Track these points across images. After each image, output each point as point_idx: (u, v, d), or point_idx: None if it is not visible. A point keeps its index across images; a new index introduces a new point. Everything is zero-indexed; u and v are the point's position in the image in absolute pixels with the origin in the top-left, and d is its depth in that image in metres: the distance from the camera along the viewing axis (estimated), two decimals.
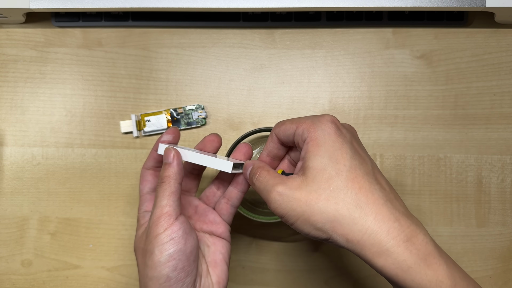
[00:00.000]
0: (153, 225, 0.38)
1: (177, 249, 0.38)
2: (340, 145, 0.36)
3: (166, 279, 0.37)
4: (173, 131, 0.44)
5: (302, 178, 0.36)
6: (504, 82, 0.54)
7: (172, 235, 0.38)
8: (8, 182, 0.55)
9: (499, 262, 0.53)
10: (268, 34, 0.55)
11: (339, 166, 0.35)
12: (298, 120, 0.38)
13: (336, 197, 0.34)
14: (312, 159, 0.36)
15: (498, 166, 0.53)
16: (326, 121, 0.37)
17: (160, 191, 0.39)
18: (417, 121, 0.54)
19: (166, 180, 0.39)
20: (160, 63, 0.55)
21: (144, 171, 0.44)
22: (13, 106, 0.56)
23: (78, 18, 0.55)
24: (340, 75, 0.55)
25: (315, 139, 0.36)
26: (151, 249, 0.38)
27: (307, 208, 0.35)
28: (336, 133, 0.36)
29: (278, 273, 0.54)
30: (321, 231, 0.35)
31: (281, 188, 0.36)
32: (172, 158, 0.40)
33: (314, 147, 0.36)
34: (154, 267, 0.37)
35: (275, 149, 0.41)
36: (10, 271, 0.54)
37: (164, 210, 0.38)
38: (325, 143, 0.36)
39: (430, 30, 0.54)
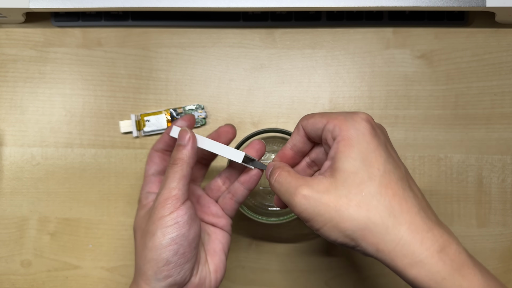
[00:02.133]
0: (159, 206, 0.38)
1: (180, 233, 0.37)
2: (374, 147, 0.34)
3: (165, 263, 0.37)
4: (189, 118, 0.43)
5: (331, 180, 0.34)
6: (505, 82, 0.53)
7: (177, 219, 0.37)
8: (7, 182, 0.55)
9: (499, 262, 0.53)
10: (268, 34, 0.55)
11: (372, 170, 0.33)
12: (329, 115, 0.36)
13: (368, 203, 0.32)
14: (343, 161, 0.33)
15: (498, 166, 0.53)
16: (361, 120, 0.34)
17: (171, 172, 0.38)
18: (418, 121, 0.54)
19: (179, 162, 0.39)
20: (160, 63, 0.55)
21: (153, 152, 0.43)
22: (13, 106, 0.56)
23: (77, 17, 0.55)
24: (341, 75, 0.55)
25: (347, 138, 0.34)
26: (153, 230, 0.37)
27: (336, 214, 0.33)
28: (370, 134, 0.34)
29: (278, 274, 0.54)
30: (349, 238, 0.33)
31: (306, 191, 0.34)
32: (187, 140, 0.39)
33: (346, 148, 0.33)
34: (154, 249, 0.37)
35: (301, 143, 0.38)
36: (9, 271, 0.54)
37: (173, 192, 0.38)
38: (359, 144, 0.33)
39: (430, 30, 0.54)
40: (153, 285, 0.37)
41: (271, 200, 0.53)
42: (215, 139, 0.43)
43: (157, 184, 0.43)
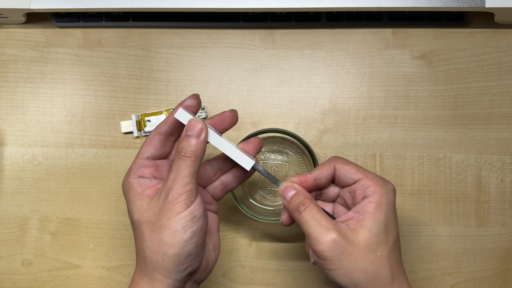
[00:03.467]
0: (174, 202, 0.38)
1: (199, 226, 0.38)
2: (394, 216, 0.40)
3: (187, 256, 0.38)
4: (196, 96, 0.43)
5: (355, 234, 0.38)
6: (504, 82, 0.54)
7: (194, 213, 0.38)
8: (8, 182, 0.55)
9: (498, 262, 0.53)
10: (268, 34, 0.55)
11: (389, 236, 0.39)
12: (365, 172, 0.40)
13: (380, 262, 0.38)
14: (371, 221, 0.38)
15: (497, 166, 0.53)
16: (392, 191, 0.40)
17: (183, 166, 0.38)
18: (417, 121, 0.54)
19: (192, 156, 0.38)
20: (160, 63, 0.55)
21: (155, 134, 0.42)
22: (14, 106, 0.56)
23: (78, 18, 0.55)
24: (340, 75, 0.55)
25: (380, 203, 0.39)
26: (172, 225, 0.38)
27: (354, 264, 0.37)
28: (394, 205, 0.40)
29: (278, 273, 0.54)
30: (355, 286, 0.38)
31: (336, 236, 0.38)
32: (199, 131, 0.39)
33: (377, 211, 0.39)
34: (176, 244, 0.38)
35: (325, 178, 0.42)
36: (10, 270, 0.55)
37: (187, 188, 0.38)
38: (386, 212, 0.39)
39: (429, 30, 0.54)
40: (174, 277, 0.39)
41: (271, 200, 0.53)
42: (219, 123, 0.43)
43: (150, 169, 0.41)
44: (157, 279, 0.39)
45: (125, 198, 0.41)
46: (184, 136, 0.39)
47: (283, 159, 0.53)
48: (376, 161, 0.54)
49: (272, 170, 0.53)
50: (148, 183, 0.41)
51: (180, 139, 0.39)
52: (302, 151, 0.52)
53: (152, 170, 0.41)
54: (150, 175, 0.41)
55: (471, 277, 0.53)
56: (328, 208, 0.43)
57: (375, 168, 0.54)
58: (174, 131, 0.42)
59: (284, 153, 0.53)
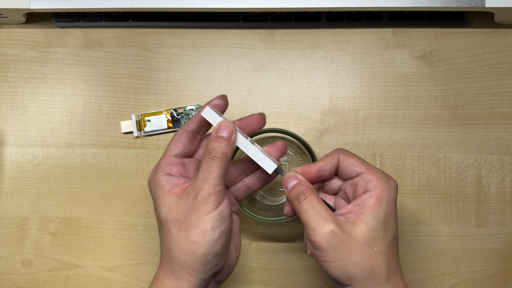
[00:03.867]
0: (203, 202, 0.38)
1: (227, 226, 0.39)
2: (394, 213, 0.39)
3: (214, 255, 0.38)
4: (224, 97, 0.43)
5: (353, 227, 0.38)
6: (504, 82, 0.54)
7: (222, 213, 0.38)
8: (8, 182, 0.55)
9: (498, 262, 0.53)
10: (268, 34, 0.55)
11: (387, 232, 0.39)
12: (368, 165, 0.40)
13: (376, 257, 0.38)
14: (370, 216, 0.38)
15: (497, 166, 0.53)
16: (394, 187, 0.40)
17: (213, 166, 0.38)
18: (417, 121, 0.54)
19: (222, 157, 0.38)
20: (161, 63, 0.55)
21: (183, 131, 0.42)
22: (14, 106, 0.56)
23: (78, 18, 0.55)
24: (340, 75, 0.55)
25: (381, 198, 0.39)
26: (201, 225, 0.38)
27: (350, 257, 0.37)
28: (395, 201, 0.40)
29: (278, 273, 0.54)
30: (349, 279, 0.38)
31: (334, 227, 0.37)
32: (230, 134, 0.39)
33: (377, 206, 0.38)
34: (205, 244, 0.38)
35: (329, 170, 0.41)
36: (10, 270, 0.55)
37: (217, 188, 0.38)
38: (386, 207, 0.39)
39: (429, 30, 0.54)
40: (200, 276, 0.39)
41: (271, 199, 0.53)
42: (247, 126, 0.43)
43: (178, 168, 0.41)
44: (183, 278, 0.39)
45: (152, 195, 0.41)
46: (215, 137, 0.39)
47: (283, 159, 0.53)
48: (376, 161, 0.54)
49: None
50: (176, 181, 0.40)
51: (210, 139, 0.39)
52: (302, 151, 0.52)
53: (180, 168, 0.41)
54: (178, 173, 0.41)
55: (471, 277, 0.53)
56: (330, 200, 0.43)
57: None
58: (200, 129, 0.42)
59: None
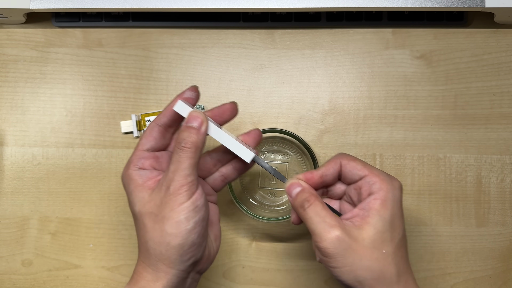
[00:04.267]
0: (176, 193, 0.38)
1: (201, 216, 0.39)
2: (400, 213, 0.39)
3: (190, 245, 0.38)
4: (195, 88, 0.43)
5: (360, 231, 0.38)
6: (504, 82, 0.54)
7: (196, 203, 0.38)
8: (8, 182, 0.55)
9: (498, 262, 0.53)
10: (268, 34, 0.55)
11: (394, 233, 0.38)
12: (371, 168, 0.40)
13: (385, 260, 0.38)
14: (376, 218, 0.38)
15: (497, 166, 0.53)
16: (398, 187, 0.40)
17: (184, 157, 0.38)
18: (417, 121, 0.54)
19: (192, 147, 0.38)
20: (161, 63, 0.55)
21: (154, 125, 0.42)
22: (14, 106, 0.56)
23: (78, 18, 0.55)
24: (340, 75, 0.55)
25: (385, 200, 0.38)
26: (174, 216, 0.38)
27: (358, 261, 0.37)
28: (400, 202, 0.40)
29: (278, 273, 0.54)
30: (359, 283, 0.38)
31: (340, 232, 0.37)
32: (200, 123, 0.39)
33: (382, 208, 0.38)
34: (180, 234, 0.38)
35: (331, 175, 0.41)
36: (10, 270, 0.55)
37: (188, 179, 0.38)
38: (392, 209, 0.38)
39: (429, 30, 0.54)
40: (178, 267, 0.39)
41: (271, 199, 0.53)
42: (219, 115, 0.43)
43: (150, 161, 0.41)
44: (160, 270, 0.39)
45: (126, 191, 0.41)
46: (185, 127, 0.39)
47: (283, 159, 0.53)
48: (376, 161, 0.54)
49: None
50: (149, 175, 0.40)
51: (180, 130, 0.39)
52: (302, 151, 0.52)
53: (152, 162, 0.41)
54: (150, 167, 0.41)
55: (471, 277, 0.53)
56: (335, 205, 0.43)
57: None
58: (173, 123, 0.42)
59: (284, 153, 0.53)
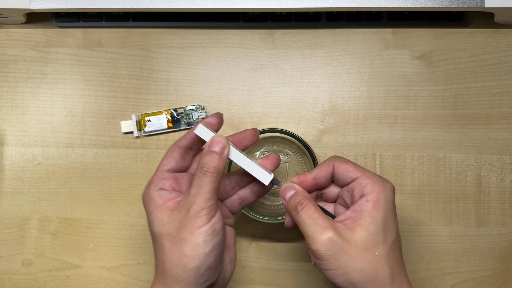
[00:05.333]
0: (195, 217, 0.38)
1: (219, 240, 0.39)
2: (393, 215, 0.39)
3: (207, 268, 0.38)
4: (219, 116, 0.43)
5: (352, 233, 0.38)
6: (504, 82, 0.54)
7: (215, 227, 0.38)
8: (8, 182, 0.55)
9: (498, 261, 0.53)
10: (268, 34, 0.55)
11: (387, 235, 0.38)
12: (363, 170, 0.40)
13: (378, 262, 0.38)
14: (368, 220, 0.38)
15: (497, 166, 0.53)
16: (391, 189, 0.40)
17: (205, 181, 0.39)
18: (417, 121, 0.54)
19: (214, 171, 0.39)
20: (161, 63, 0.55)
21: (175, 147, 0.42)
22: (14, 106, 0.56)
23: (78, 18, 0.55)
24: (340, 75, 0.55)
25: (378, 201, 0.39)
26: (193, 239, 0.38)
27: (351, 264, 0.37)
28: (393, 204, 0.40)
29: (278, 273, 0.54)
30: (353, 286, 0.38)
31: (332, 234, 0.38)
32: (222, 148, 0.39)
33: (374, 210, 0.38)
34: (198, 257, 0.38)
35: (324, 178, 0.42)
36: (10, 270, 0.55)
37: (209, 203, 0.38)
38: (384, 210, 0.38)
39: (429, 30, 0.54)
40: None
41: (271, 200, 0.53)
42: (240, 141, 0.43)
43: (171, 182, 0.41)
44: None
45: (146, 210, 0.42)
46: (207, 151, 0.39)
47: (283, 159, 0.53)
48: (376, 161, 0.54)
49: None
50: (169, 195, 0.41)
51: (203, 154, 0.40)
52: (302, 151, 0.52)
53: (172, 183, 0.42)
54: (170, 188, 0.41)
55: (471, 277, 0.53)
56: (330, 208, 0.43)
57: (375, 168, 0.54)
58: (193, 145, 0.43)
59: (284, 153, 0.53)
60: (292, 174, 0.53)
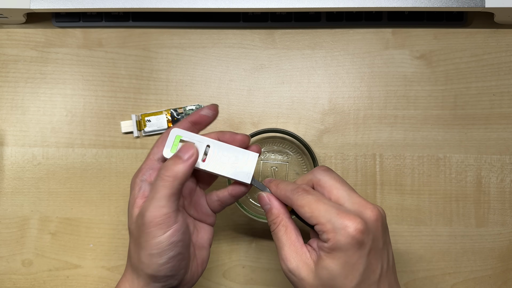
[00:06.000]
0: (150, 225, 0.36)
1: (177, 251, 0.37)
2: (355, 261, 0.34)
3: (162, 276, 0.38)
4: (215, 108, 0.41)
5: (311, 269, 0.36)
6: (504, 82, 0.54)
7: (171, 239, 0.36)
8: (8, 182, 0.55)
9: (498, 261, 0.53)
10: (268, 34, 0.55)
11: (346, 281, 0.34)
12: (318, 215, 0.35)
13: None
14: (324, 265, 0.35)
15: (497, 166, 0.53)
16: (354, 230, 0.34)
17: (160, 186, 0.36)
18: (417, 121, 0.54)
19: (171, 176, 0.36)
20: (161, 63, 0.55)
21: (166, 134, 0.40)
22: (14, 106, 0.56)
23: (78, 18, 0.55)
24: (340, 75, 0.55)
25: (333, 249, 0.34)
26: (148, 249, 0.36)
27: None
28: (357, 247, 0.34)
29: (278, 273, 0.54)
30: None
31: (292, 267, 0.36)
32: (189, 156, 0.37)
33: (328, 257, 0.35)
34: (152, 267, 0.37)
35: None
36: (10, 270, 0.55)
37: (163, 211, 0.36)
38: (340, 259, 0.34)
39: (429, 30, 0.54)
40: (154, 285, 0.38)
41: None
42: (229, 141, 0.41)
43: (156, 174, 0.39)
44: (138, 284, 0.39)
45: None
46: (173, 156, 0.38)
47: (283, 159, 0.53)
48: (376, 161, 0.54)
49: (272, 170, 0.53)
50: (145, 191, 0.39)
51: (168, 158, 0.38)
52: (302, 151, 0.52)
53: None
54: None
55: (471, 277, 0.53)
56: None
57: (375, 168, 0.54)
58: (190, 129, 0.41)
59: (284, 153, 0.53)
60: (292, 174, 0.53)
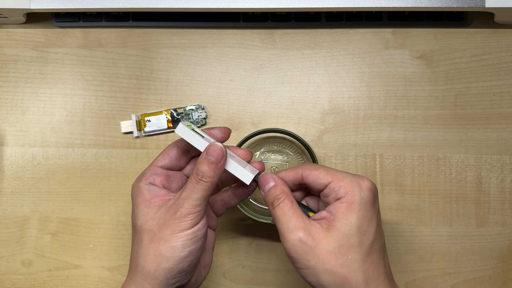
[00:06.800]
0: (181, 220, 0.38)
1: (198, 247, 0.39)
2: (371, 216, 0.37)
3: (179, 271, 0.39)
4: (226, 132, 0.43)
5: (325, 234, 0.37)
6: (504, 82, 0.54)
7: (197, 233, 0.39)
8: (8, 182, 0.55)
9: (498, 262, 0.53)
10: (268, 34, 0.55)
11: (363, 238, 0.37)
12: (335, 173, 0.39)
13: (350, 266, 0.36)
14: (342, 222, 0.37)
15: (497, 166, 0.53)
16: (367, 188, 0.38)
17: (198, 188, 0.38)
18: (417, 121, 0.54)
19: (209, 181, 0.38)
20: (161, 63, 0.55)
21: (174, 146, 0.42)
22: (14, 106, 0.56)
23: (78, 18, 0.55)
24: (340, 75, 0.55)
25: (352, 203, 0.37)
26: (172, 240, 0.38)
27: (321, 265, 0.36)
28: (370, 203, 0.37)
29: (278, 273, 0.54)
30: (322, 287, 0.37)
31: (303, 235, 0.37)
32: (220, 157, 0.39)
33: (348, 212, 0.37)
34: (172, 259, 0.38)
35: (291, 184, 0.41)
36: (10, 270, 0.55)
37: (197, 209, 0.38)
38: (359, 211, 0.37)
39: (429, 30, 0.54)
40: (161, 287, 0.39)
41: None
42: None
43: (162, 179, 0.42)
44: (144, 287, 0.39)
45: (132, 202, 0.41)
46: (204, 159, 0.39)
47: (283, 159, 0.53)
48: (376, 161, 0.54)
49: (272, 170, 0.53)
50: (158, 192, 0.41)
51: (199, 161, 0.39)
52: (302, 151, 0.52)
53: (163, 180, 0.42)
54: (161, 184, 0.41)
55: (471, 277, 0.53)
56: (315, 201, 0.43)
57: (375, 168, 0.54)
58: (192, 149, 0.42)
59: (284, 153, 0.53)
60: None
